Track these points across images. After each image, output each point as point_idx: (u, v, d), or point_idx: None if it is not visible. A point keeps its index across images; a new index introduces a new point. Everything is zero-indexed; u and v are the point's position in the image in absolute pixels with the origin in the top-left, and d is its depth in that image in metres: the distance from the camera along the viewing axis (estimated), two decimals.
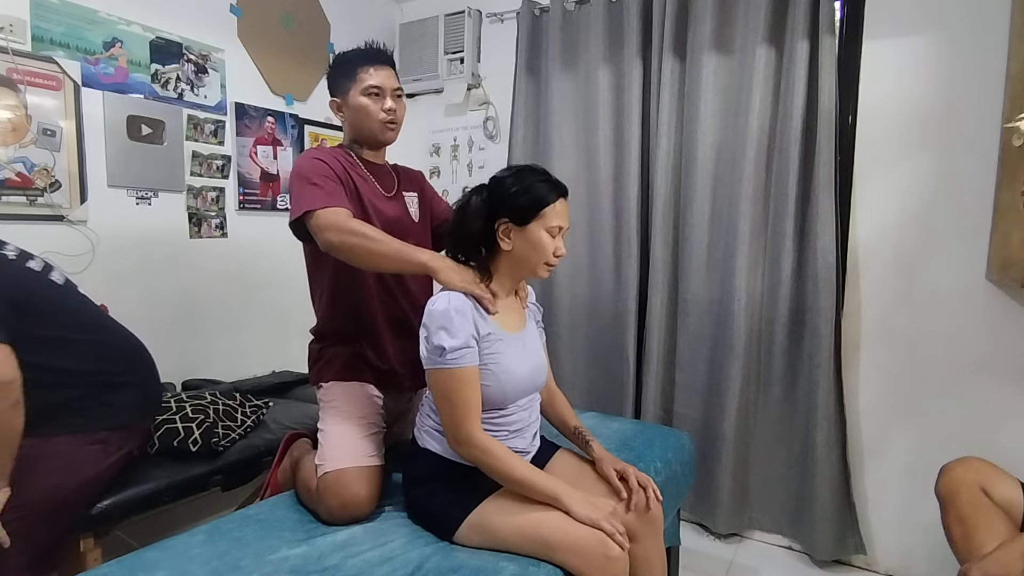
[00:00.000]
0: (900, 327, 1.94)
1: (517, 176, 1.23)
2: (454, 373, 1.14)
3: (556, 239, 1.23)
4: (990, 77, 1.75)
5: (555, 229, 1.22)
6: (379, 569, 1.07)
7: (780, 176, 2.03)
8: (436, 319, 1.15)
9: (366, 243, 1.26)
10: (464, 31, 2.71)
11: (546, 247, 1.21)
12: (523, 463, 1.18)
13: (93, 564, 1.36)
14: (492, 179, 1.27)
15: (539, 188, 1.21)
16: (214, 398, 1.68)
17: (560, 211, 1.23)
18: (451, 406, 1.15)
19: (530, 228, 1.21)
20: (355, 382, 1.46)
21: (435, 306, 1.17)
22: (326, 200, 1.32)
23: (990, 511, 1.36)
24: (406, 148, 2.88)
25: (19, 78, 1.73)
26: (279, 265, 2.43)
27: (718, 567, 2.04)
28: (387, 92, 1.47)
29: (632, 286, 2.32)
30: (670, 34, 2.19)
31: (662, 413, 2.31)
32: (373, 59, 1.47)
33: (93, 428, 1.39)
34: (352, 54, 1.49)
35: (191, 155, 2.18)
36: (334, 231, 1.28)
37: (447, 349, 1.13)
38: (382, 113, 1.46)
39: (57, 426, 1.32)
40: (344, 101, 1.48)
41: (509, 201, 1.21)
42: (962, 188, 1.82)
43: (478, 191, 1.26)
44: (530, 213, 1.20)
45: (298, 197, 1.35)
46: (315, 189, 1.34)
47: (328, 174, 1.37)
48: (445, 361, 1.13)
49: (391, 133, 1.51)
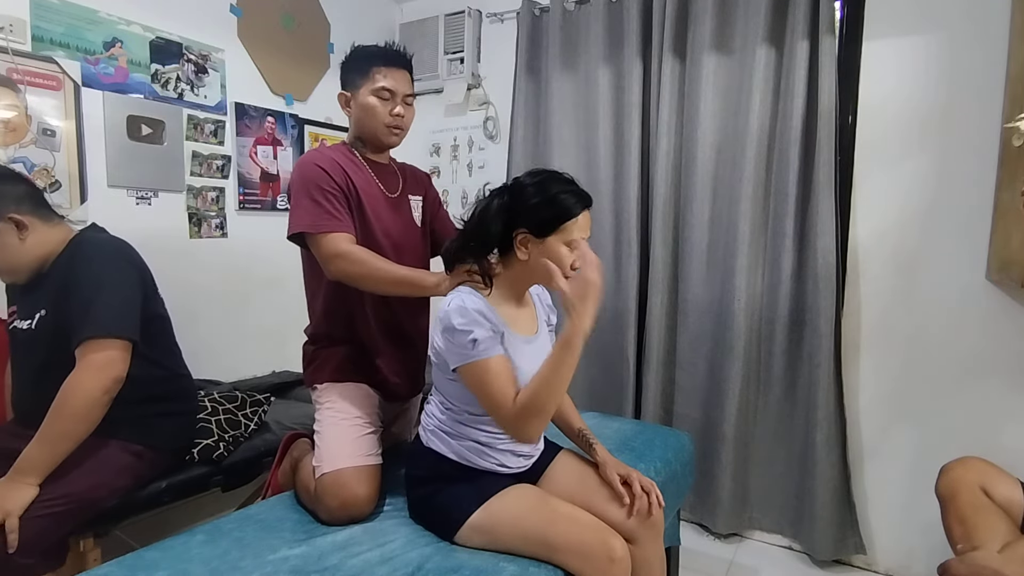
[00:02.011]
0: (900, 327, 1.94)
1: (540, 186, 1.18)
2: (489, 363, 1.11)
3: (574, 252, 1.18)
4: (990, 77, 1.75)
5: (575, 242, 1.18)
6: (379, 569, 1.07)
7: (780, 176, 2.03)
8: (457, 316, 1.12)
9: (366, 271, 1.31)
10: (464, 31, 2.71)
11: (564, 261, 1.16)
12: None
13: (93, 564, 1.36)
14: (514, 182, 1.23)
15: (563, 201, 1.16)
16: (215, 405, 1.68)
17: (583, 223, 1.18)
18: (491, 395, 1.11)
19: (549, 241, 1.16)
20: (350, 382, 1.46)
21: (451, 305, 1.14)
22: (327, 223, 1.33)
23: (990, 511, 1.36)
24: (406, 148, 2.87)
25: (19, 78, 1.73)
26: (279, 265, 2.42)
27: (718, 567, 2.04)
28: (398, 97, 1.44)
29: (632, 286, 2.32)
30: (670, 34, 2.19)
31: (662, 413, 2.31)
32: (391, 61, 1.44)
33: (136, 440, 1.42)
34: (371, 50, 1.46)
35: (191, 155, 2.18)
36: (334, 260, 1.32)
37: (479, 339, 1.10)
38: (389, 117, 1.44)
39: (110, 430, 1.33)
40: (354, 96, 1.45)
41: (530, 212, 1.16)
42: (962, 188, 1.82)
43: (499, 194, 1.21)
44: (551, 227, 1.16)
45: (298, 211, 1.35)
46: (315, 207, 1.34)
47: (331, 188, 1.36)
48: (479, 352, 1.10)
49: (394, 138, 1.49)
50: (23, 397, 1.45)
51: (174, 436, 1.53)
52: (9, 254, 1.36)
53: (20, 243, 1.35)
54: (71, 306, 1.31)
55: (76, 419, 1.26)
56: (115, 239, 1.46)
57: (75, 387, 1.26)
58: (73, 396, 1.26)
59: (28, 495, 1.23)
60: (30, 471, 1.24)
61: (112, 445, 1.36)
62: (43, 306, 1.36)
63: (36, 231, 1.37)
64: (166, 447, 1.50)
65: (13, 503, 1.21)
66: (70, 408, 1.25)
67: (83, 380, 1.26)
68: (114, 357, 1.30)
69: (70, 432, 1.26)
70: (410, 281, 1.30)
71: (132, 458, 1.41)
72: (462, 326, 1.11)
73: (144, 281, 1.45)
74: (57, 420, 1.25)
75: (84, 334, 1.28)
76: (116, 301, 1.33)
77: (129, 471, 1.40)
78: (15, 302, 1.46)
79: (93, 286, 1.32)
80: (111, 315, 1.31)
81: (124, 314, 1.34)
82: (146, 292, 1.45)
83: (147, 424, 1.44)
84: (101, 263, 1.37)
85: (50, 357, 1.36)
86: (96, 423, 1.29)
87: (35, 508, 1.23)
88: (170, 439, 1.51)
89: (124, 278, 1.38)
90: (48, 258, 1.39)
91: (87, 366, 1.27)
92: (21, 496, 1.22)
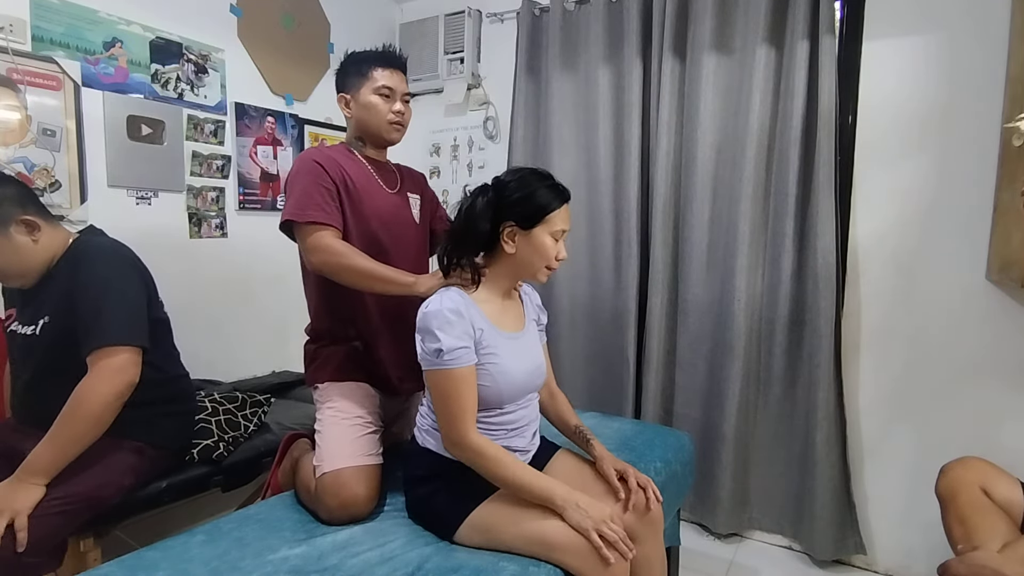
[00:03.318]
0: (900, 327, 1.94)
1: (521, 180, 1.23)
2: (452, 373, 1.13)
3: (559, 243, 1.24)
4: (990, 77, 1.75)
5: (559, 233, 1.23)
6: (379, 569, 1.07)
7: (780, 176, 2.03)
8: (431, 320, 1.15)
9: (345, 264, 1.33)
10: (464, 31, 2.71)
11: (549, 251, 1.22)
12: (518, 464, 1.16)
13: (93, 564, 1.36)
14: (495, 180, 1.26)
15: (545, 193, 1.21)
16: (215, 405, 1.68)
17: (564, 215, 1.24)
18: (447, 407, 1.15)
19: (535, 232, 1.21)
20: (351, 382, 1.46)
21: (428, 308, 1.17)
22: (314, 214, 1.36)
23: (990, 511, 1.36)
24: (406, 148, 2.87)
25: (19, 78, 1.73)
26: (279, 265, 2.42)
27: (718, 567, 2.04)
28: (398, 95, 1.49)
29: (632, 286, 2.32)
30: (670, 34, 2.19)
31: (662, 413, 2.31)
32: (389, 62, 1.50)
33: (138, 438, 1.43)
34: (367, 54, 1.51)
35: (191, 155, 2.18)
36: (315, 251, 1.35)
37: (444, 350, 1.12)
38: (391, 114, 1.49)
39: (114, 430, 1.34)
40: (354, 97, 1.50)
41: (515, 205, 1.21)
42: (962, 188, 1.82)
43: (482, 192, 1.25)
44: (536, 218, 1.20)
45: (289, 201, 1.39)
46: (305, 199, 1.37)
47: (324, 182, 1.39)
48: (443, 362, 1.13)
49: (397, 134, 1.53)
50: (22, 399, 1.46)
51: (175, 435, 1.54)
52: (25, 256, 1.36)
53: (34, 244, 1.37)
54: (79, 314, 1.32)
55: (89, 423, 1.28)
56: (116, 243, 1.47)
57: (89, 392, 1.27)
58: (87, 400, 1.27)
59: (36, 495, 1.23)
60: (39, 472, 1.25)
61: (116, 444, 1.37)
62: (46, 312, 1.37)
63: (44, 231, 1.38)
64: (167, 446, 1.51)
65: (22, 503, 1.21)
66: (84, 412, 1.27)
67: (97, 385, 1.28)
68: (127, 362, 1.32)
69: (82, 435, 1.28)
70: (387, 278, 1.31)
71: (136, 456, 1.42)
72: (431, 331, 1.14)
73: (147, 286, 1.47)
74: (70, 423, 1.26)
75: (97, 343, 1.30)
76: (125, 308, 1.35)
77: (133, 470, 1.41)
78: (15, 305, 1.47)
79: (101, 294, 1.33)
80: (122, 323, 1.33)
81: (134, 321, 1.36)
82: (149, 297, 1.46)
83: (149, 424, 1.45)
84: (107, 270, 1.38)
85: (52, 362, 1.36)
86: (107, 427, 1.30)
87: (43, 507, 1.23)
88: (171, 438, 1.52)
89: (131, 284, 1.40)
90: (53, 260, 1.40)
91: (101, 371, 1.29)
92: (29, 496, 1.23)
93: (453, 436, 1.15)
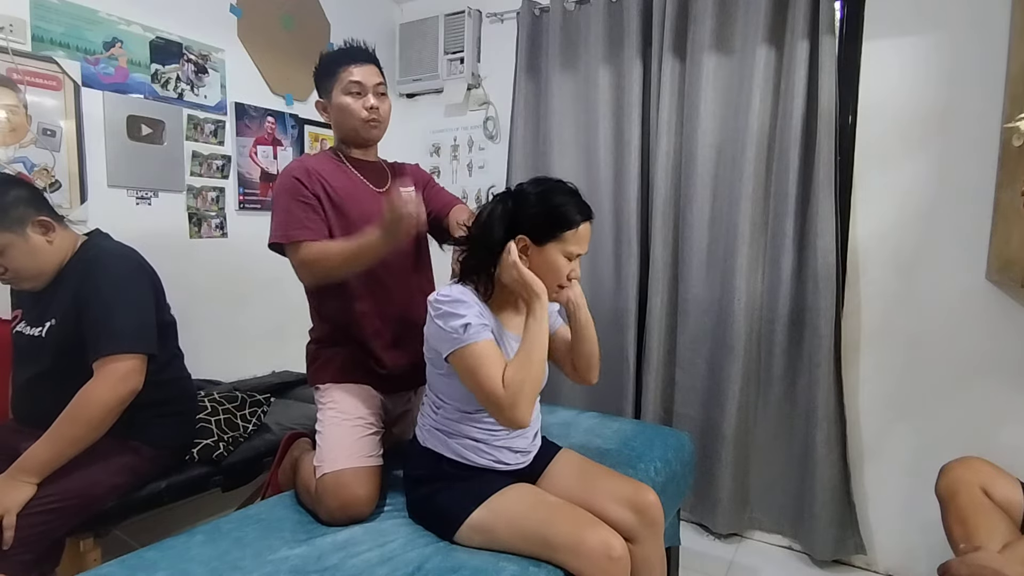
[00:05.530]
0: (900, 327, 1.94)
1: (543, 194, 1.20)
2: (479, 346, 1.11)
3: (572, 262, 1.21)
4: (990, 77, 1.75)
5: (573, 253, 1.20)
6: (379, 569, 1.07)
7: (780, 176, 2.03)
8: (447, 302, 1.14)
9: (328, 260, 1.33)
10: (464, 31, 2.71)
11: (561, 270, 1.19)
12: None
13: (93, 564, 1.36)
14: (518, 189, 1.24)
15: (564, 210, 1.18)
16: (215, 405, 1.68)
17: (582, 235, 1.20)
18: (478, 375, 1.10)
19: (548, 249, 1.18)
20: (353, 383, 1.46)
21: (442, 294, 1.17)
22: (297, 232, 1.36)
23: (990, 511, 1.36)
24: (406, 148, 2.89)
25: (19, 78, 1.73)
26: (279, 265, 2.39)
27: (718, 567, 2.04)
28: (368, 88, 1.45)
29: (632, 286, 2.32)
30: (670, 34, 2.19)
31: (662, 413, 2.31)
32: (354, 57, 1.46)
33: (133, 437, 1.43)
34: (334, 54, 1.49)
35: (191, 155, 2.18)
36: (299, 268, 1.37)
37: (472, 324, 1.11)
38: (364, 111, 1.45)
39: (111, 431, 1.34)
40: (328, 101, 1.48)
41: (531, 218, 1.18)
42: (962, 188, 1.82)
43: (503, 199, 1.22)
44: (550, 234, 1.18)
45: (273, 222, 1.41)
46: (287, 218, 1.38)
47: (303, 197, 1.39)
48: (470, 336, 1.11)
49: (375, 131, 1.50)
50: (24, 400, 1.46)
51: (173, 435, 1.54)
52: (41, 257, 1.37)
53: (49, 245, 1.37)
54: (88, 319, 1.33)
55: (89, 427, 1.28)
56: (125, 248, 1.47)
57: (92, 396, 1.28)
58: (89, 404, 1.28)
59: (26, 493, 1.23)
60: (32, 470, 1.25)
61: (111, 444, 1.36)
62: (54, 315, 1.37)
63: (58, 232, 1.40)
64: (164, 445, 1.50)
65: (11, 500, 1.22)
66: (85, 416, 1.28)
67: (101, 390, 1.29)
68: (132, 369, 1.33)
69: (80, 438, 1.28)
70: (359, 245, 1.29)
71: (131, 456, 1.42)
72: (453, 309, 1.13)
73: (156, 290, 1.47)
74: (70, 425, 1.27)
75: (105, 350, 1.31)
76: (134, 316, 1.37)
77: (126, 469, 1.41)
78: (21, 306, 1.47)
79: (111, 300, 1.34)
80: (130, 331, 1.34)
81: (143, 329, 1.38)
82: (158, 300, 1.47)
83: (146, 423, 1.44)
84: (117, 276, 1.38)
85: (56, 365, 1.37)
86: (105, 431, 1.31)
87: (33, 505, 1.23)
88: (168, 438, 1.52)
89: (140, 291, 1.41)
90: (64, 261, 1.40)
91: (106, 376, 1.30)
92: (20, 493, 1.23)
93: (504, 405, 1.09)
